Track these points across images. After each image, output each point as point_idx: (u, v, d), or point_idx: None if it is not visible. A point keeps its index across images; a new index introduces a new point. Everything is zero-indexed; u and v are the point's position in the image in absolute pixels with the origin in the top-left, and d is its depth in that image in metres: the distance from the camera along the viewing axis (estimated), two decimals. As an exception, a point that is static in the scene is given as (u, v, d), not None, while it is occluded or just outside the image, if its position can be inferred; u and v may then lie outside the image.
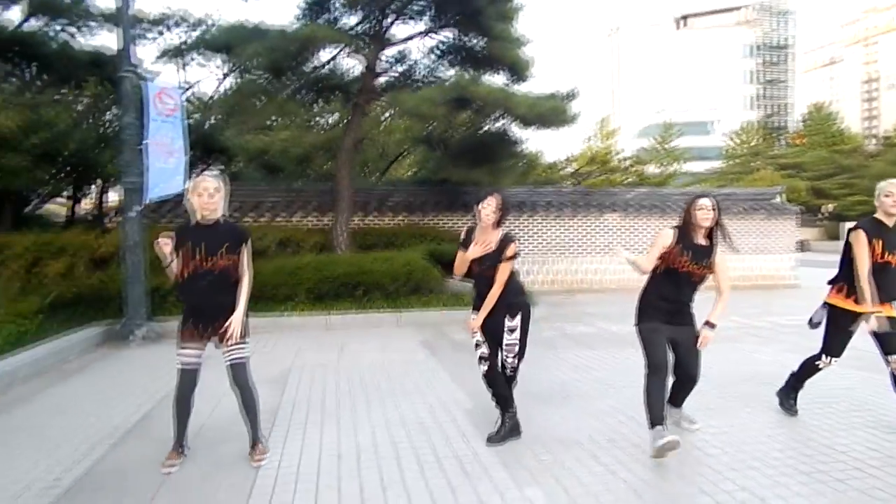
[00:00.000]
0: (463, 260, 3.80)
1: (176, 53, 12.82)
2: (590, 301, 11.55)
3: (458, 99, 8.59)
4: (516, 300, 3.80)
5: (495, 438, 3.76)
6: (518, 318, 3.78)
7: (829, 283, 4.15)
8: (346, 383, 5.37)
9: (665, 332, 3.68)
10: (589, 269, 13.81)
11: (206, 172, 3.47)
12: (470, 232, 3.88)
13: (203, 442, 3.83)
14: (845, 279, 3.97)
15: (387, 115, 17.60)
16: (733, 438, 3.82)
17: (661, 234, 3.71)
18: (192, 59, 13.40)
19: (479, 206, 3.75)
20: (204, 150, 16.94)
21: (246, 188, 13.35)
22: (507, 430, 3.81)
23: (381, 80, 11.26)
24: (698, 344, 3.70)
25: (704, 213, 3.58)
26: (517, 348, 3.83)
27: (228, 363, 3.44)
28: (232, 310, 3.39)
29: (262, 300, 8.68)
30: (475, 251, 3.67)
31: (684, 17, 79.93)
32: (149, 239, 8.37)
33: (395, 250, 10.25)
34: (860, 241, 3.82)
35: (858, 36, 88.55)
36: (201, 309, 3.39)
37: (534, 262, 13.49)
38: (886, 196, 3.85)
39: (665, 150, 50.02)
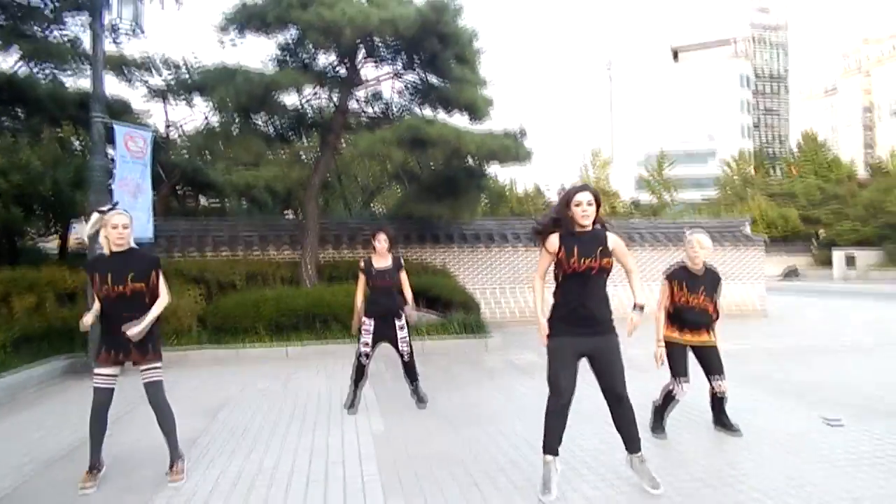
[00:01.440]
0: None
1: (161, 94, 13.45)
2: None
3: (414, 139, 9.06)
4: (399, 309, 5.61)
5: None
6: (404, 320, 5.59)
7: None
8: (277, 411, 5.67)
9: (575, 348, 3.39)
10: (559, 299, 14.08)
11: (117, 208, 3.88)
12: (368, 261, 5.71)
13: (122, 467, 4.14)
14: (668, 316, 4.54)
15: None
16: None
17: (547, 242, 3.47)
18: (177, 99, 14.07)
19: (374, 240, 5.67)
20: (192, 185, 17.55)
21: (222, 223, 13.85)
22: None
23: (356, 118, 11.83)
24: (627, 329, 3.44)
25: (582, 210, 3.36)
26: (408, 340, 5.63)
27: (144, 382, 3.79)
28: (143, 336, 3.75)
29: (224, 332, 9.04)
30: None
31: (675, 53, 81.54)
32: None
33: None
34: (663, 288, 4.52)
35: (857, 65, 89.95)
36: (113, 333, 3.74)
37: (503, 293, 13.81)
38: (690, 247, 4.43)
39: (659, 179, 50.75)
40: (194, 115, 18.04)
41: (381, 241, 5.61)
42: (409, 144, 9.14)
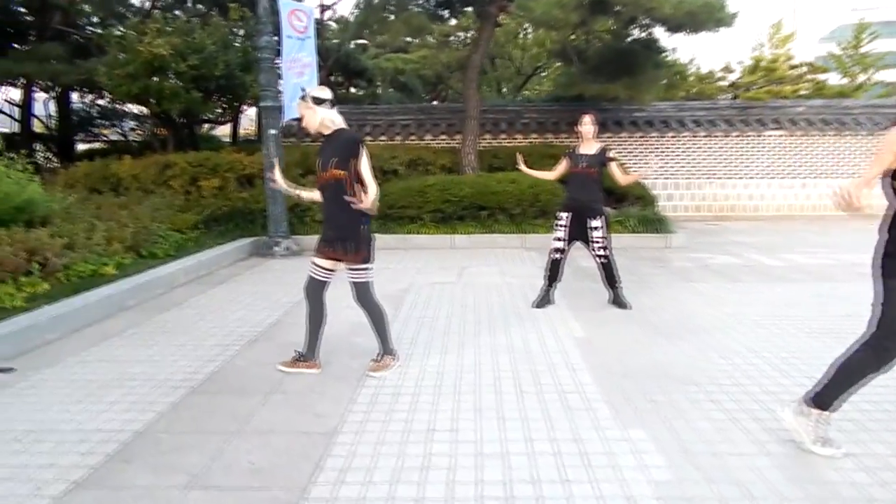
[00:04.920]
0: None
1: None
2: (741, 229, 10.40)
3: (595, 2, 7.72)
4: (598, 206, 5.00)
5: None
6: (601, 220, 4.99)
7: None
8: (460, 305, 5.35)
9: None
10: (743, 195, 12.39)
11: (301, 91, 3.49)
12: (573, 148, 5.10)
13: (322, 352, 4.03)
14: None
15: (523, 29, 16.65)
16: None
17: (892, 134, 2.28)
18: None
19: (578, 125, 4.97)
20: (344, 72, 17.45)
21: (379, 109, 13.59)
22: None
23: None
24: None
25: None
26: (604, 242, 5.01)
27: (351, 282, 3.54)
28: (348, 227, 3.44)
29: (390, 220, 8.91)
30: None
31: None
32: (287, 158, 8.95)
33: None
34: None
35: None
36: (324, 222, 3.55)
37: (677, 186, 12.36)
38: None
39: (855, 56, 42.22)
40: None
41: (587, 124, 4.91)
42: (590, 8, 7.81)
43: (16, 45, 12.93)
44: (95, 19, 14.19)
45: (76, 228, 6.07)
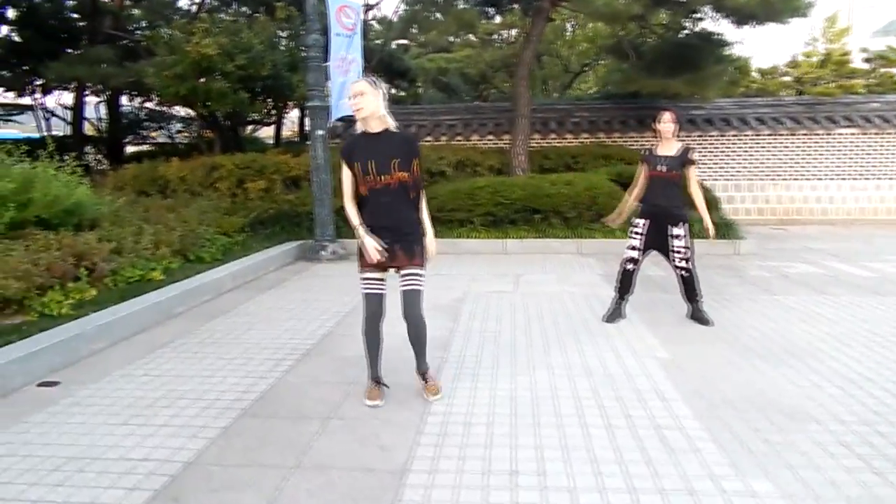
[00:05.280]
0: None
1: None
2: (811, 235, 9.68)
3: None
4: (680, 211, 4.52)
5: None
6: (684, 227, 4.53)
7: None
8: (523, 317, 4.96)
9: None
10: (810, 197, 11.59)
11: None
12: (650, 149, 4.62)
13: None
14: None
15: (570, 24, 16.13)
16: None
17: None
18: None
19: (657, 123, 4.49)
20: (387, 72, 17.25)
21: (423, 109, 13.29)
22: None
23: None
24: None
25: None
26: (687, 253, 4.56)
27: (402, 289, 3.17)
28: (411, 230, 3.14)
29: (439, 223, 8.55)
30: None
31: None
32: (333, 160, 8.71)
33: (578, 172, 9.42)
34: None
35: None
36: (375, 230, 3.10)
37: (738, 188, 11.66)
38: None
39: (834, 61, 39.94)
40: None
41: (666, 122, 4.44)
42: (651, 2, 7.31)
43: (69, 50, 13.16)
44: (144, 23, 14.36)
45: (124, 232, 5.93)
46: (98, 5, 13.08)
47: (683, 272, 4.58)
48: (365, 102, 2.97)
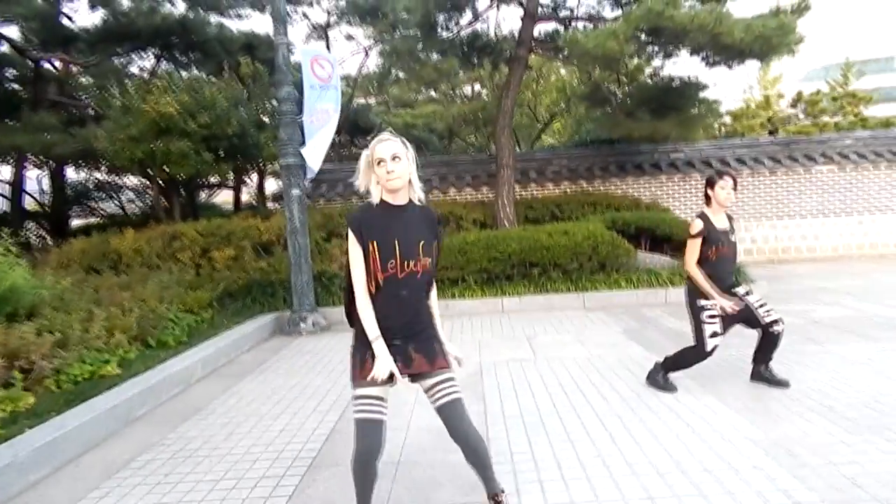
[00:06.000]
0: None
1: (322, 29, 12.40)
2: (809, 273, 9.38)
3: (650, 31, 6.96)
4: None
5: None
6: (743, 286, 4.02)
7: None
8: (559, 391, 4.21)
9: None
10: (795, 235, 11.43)
11: (381, 135, 2.25)
12: (705, 217, 3.92)
13: (408, 484, 2.88)
14: None
15: (536, 74, 16.14)
16: None
17: None
18: (338, 33, 13.00)
19: (717, 188, 3.86)
20: (353, 130, 16.83)
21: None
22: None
23: (539, 28, 9.86)
24: None
25: None
26: (768, 305, 3.94)
27: (438, 403, 2.33)
28: (424, 327, 2.38)
29: (429, 284, 7.86)
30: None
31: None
32: (311, 221, 7.97)
33: (567, 221, 8.92)
34: None
35: None
36: (385, 329, 2.29)
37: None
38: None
39: (845, 93, 42.60)
40: (352, 55, 17.07)
41: (727, 188, 3.85)
42: (640, 42, 7.06)
43: (7, 120, 12.16)
44: (93, 90, 13.54)
45: (70, 319, 4.96)
46: (41, 72, 12.24)
47: (777, 326, 3.90)
48: (401, 170, 2.23)
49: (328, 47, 15.11)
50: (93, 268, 7.92)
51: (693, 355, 3.97)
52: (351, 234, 2.29)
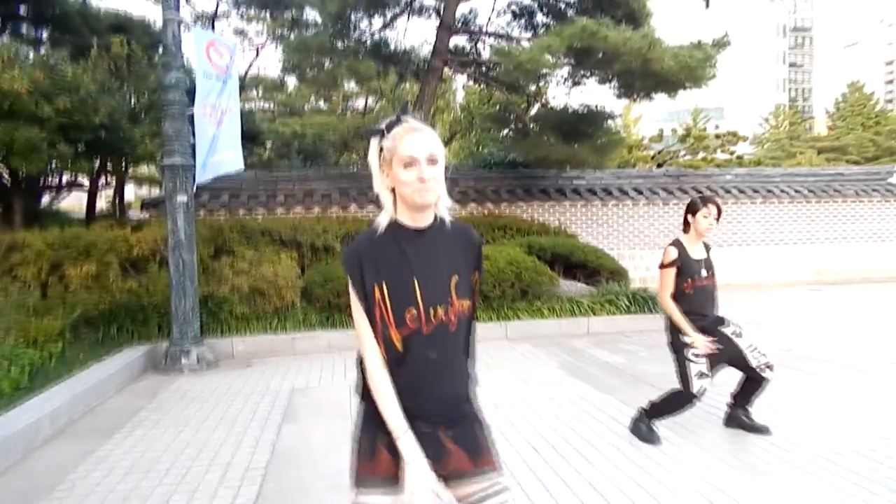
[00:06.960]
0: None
1: (209, 20, 11.03)
2: (741, 300, 9.63)
3: (582, 50, 6.76)
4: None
5: None
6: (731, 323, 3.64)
7: None
8: (525, 447, 3.59)
9: None
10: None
11: (405, 119, 1.42)
12: (681, 246, 3.59)
13: None
14: None
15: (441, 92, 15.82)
16: None
17: None
18: (226, 25, 11.68)
19: (699, 215, 3.54)
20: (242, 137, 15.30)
21: (293, 176, 11.60)
22: None
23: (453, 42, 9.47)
24: None
25: None
26: (754, 344, 3.61)
27: None
28: (467, 408, 1.64)
29: (336, 311, 7.00)
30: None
31: (707, -1, 77.37)
32: (199, 234, 6.75)
33: (488, 245, 8.47)
34: None
35: (880, 16, 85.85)
36: (420, 416, 1.53)
37: (621, 258, 11.61)
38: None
39: (699, 137, 47.90)
40: (242, 49, 15.40)
41: (711, 216, 3.54)
42: (575, 56, 6.86)
43: None
44: None
45: None
46: None
47: (768, 373, 3.56)
48: (439, 176, 1.52)
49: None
50: None
51: (679, 399, 3.56)
52: (349, 277, 1.54)
